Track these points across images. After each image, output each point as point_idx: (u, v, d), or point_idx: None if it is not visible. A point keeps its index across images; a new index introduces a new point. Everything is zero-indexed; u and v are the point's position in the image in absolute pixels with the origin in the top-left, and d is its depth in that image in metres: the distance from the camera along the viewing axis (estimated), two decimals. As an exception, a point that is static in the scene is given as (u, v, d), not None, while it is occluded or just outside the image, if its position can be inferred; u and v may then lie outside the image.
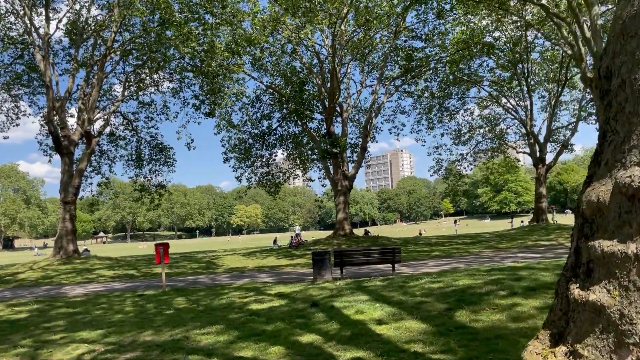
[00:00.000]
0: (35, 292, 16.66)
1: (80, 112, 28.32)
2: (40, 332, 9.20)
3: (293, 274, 17.21)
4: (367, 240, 28.78)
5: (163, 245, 14.23)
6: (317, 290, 10.47)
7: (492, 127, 42.55)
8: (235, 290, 12.87)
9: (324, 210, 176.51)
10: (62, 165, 27.02)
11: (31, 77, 31.33)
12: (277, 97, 33.85)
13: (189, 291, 13.50)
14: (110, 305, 11.96)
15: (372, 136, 32.59)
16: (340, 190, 30.98)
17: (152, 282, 17.26)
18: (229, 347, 6.33)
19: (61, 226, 26.43)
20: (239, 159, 35.64)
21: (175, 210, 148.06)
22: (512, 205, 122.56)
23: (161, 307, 10.92)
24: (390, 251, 13.97)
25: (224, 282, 15.91)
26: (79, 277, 20.23)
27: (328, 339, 6.15)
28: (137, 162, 34.71)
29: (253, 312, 8.57)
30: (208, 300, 11.22)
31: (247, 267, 21.73)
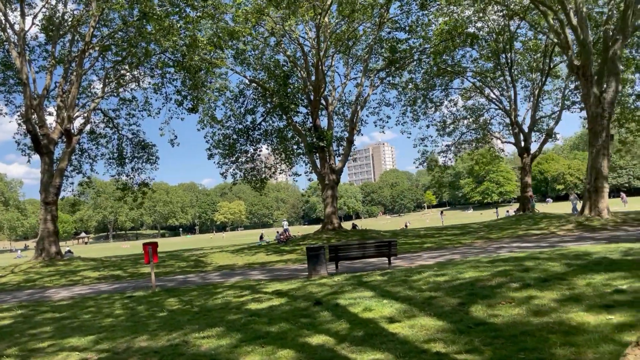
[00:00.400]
0: (18, 296, 16.01)
1: (59, 110, 27.46)
2: (26, 339, 8.69)
3: (286, 270, 16.83)
4: (356, 234, 28.52)
5: (152, 245, 13.73)
6: (316, 287, 10.12)
7: (476, 117, 42.59)
8: (229, 289, 12.45)
9: (308, 205, 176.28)
10: (42, 165, 26.17)
11: (6, 75, 30.32)
12: (261, 92, 33.27)
13: (181, 291, 13.03)
14: (98, 308, 11.45)
15: (358, 129, 32.27)
16: (327, 184, 30.62)
17: (140, 283, 16.73)
18: (233, 351, 5.94)
19: (42, 227, 25.62)
20: (223, 155, 35.03)
21: (158, 209, 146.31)
22: (494, 196, 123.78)
23: (153, 309, 10.46)
24: (386, 244, 13.67)
25: (215, 280, 15.46)
26: (63, 280, 19.57)
27: (339, 340, 5.80)
28: (119, 160, 33.91)
29: (253, 313, 8.18)
30: (202, 301, 10.79)
31: (236, 264, 21.28)
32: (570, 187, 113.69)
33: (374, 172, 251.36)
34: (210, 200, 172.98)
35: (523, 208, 37.05)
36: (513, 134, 38.32)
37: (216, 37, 26.25)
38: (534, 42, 36.88)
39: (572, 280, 7.19)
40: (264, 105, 34.71)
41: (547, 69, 35.66)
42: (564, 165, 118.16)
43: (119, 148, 33.77)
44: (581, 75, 23.31)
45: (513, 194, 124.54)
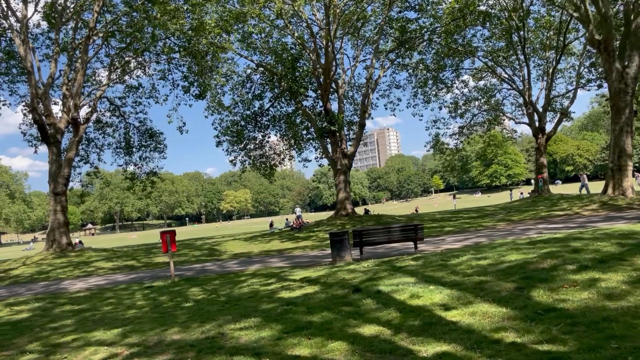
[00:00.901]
0: (33, 288, 15.64)
1: (65, 98, 26.93)
2: (48, 333, 8.28)
3: (305, 257, 16.38)
4: (370, 219, 28.03)
5: (169, 233, 13.27)
6: (347, 274, 9.64)
7: (488, 98, 41.81)
8: (252, 277, 12.02)
9: (315, 192, 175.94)
10: (50, 155, 25.71)
11: (9, 65, 29.78)
12: (269, 76, 32.61)
13: (202, 280, 12.61)
14: (118, 299, 11.03)
15: (369, 112, 31.62)
16: (340, 169, 30.07)
17: (157, 273, 16.33)
18: (278, 344, 5.47)
19: (53, 218, 25.24)
20: (231, 142, 34.53)
21: (164, 199, 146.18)
22: (502, 179, 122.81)
23: (177, 299, 10.03)
24: (412, 228, 13.17)
25: (234, 268, 15.03)
26: (76, 271, 19.21)
27: (395, 330, 5.32)
28: (127, 149, 33.46)
29: (287, 301, 7.71)
30: (227, 290, 10.35)
31: (252, 252, 20.86)
32: (579, 168, 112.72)
33: (379, 158, 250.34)
34: (216, 189, 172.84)
35: (538, 190, 36.44)
36: (527, 114, 37.54)
37: (222, 21, 25.61)
38: (547, 19, 35.95)
39: (634, 261, 6.67)
40: (271, 91, 34.11)
41: (561, 46, 34.76)
42: (573, 146, 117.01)
43: (126, 137, 33.31)
44: (603, 50, 22.54)
45: (522, 176, 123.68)
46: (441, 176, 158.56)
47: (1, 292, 15.47)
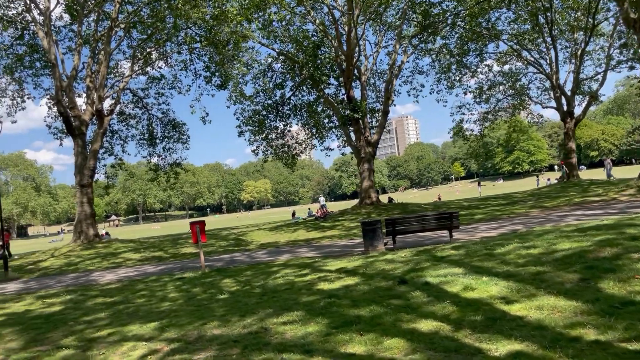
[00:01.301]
0: (63, 280, 15.64)
1: (88, 90, 26.93)
2: (82, 327, 8.10)
3: (335, 247, 16.06)
4: (396, 208, 27.58)
5: (199, 224, 13.06)
6: (386, 264, 9.28)
7: (513, 83, 40.76)
8: (284, 267, 11.74)
9: (334, 182, 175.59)
10: (75, 147, 25.79)
11: (33, 58, 29.92)
12: (290, 65, 32.19)
13: (233, 271, 12.38)
14: (151, 291, 10.85)
15: (393, 99, 31.01)
16: (363, 157, 29.62)
17: (186, 264, 16.19)
18: (328, 340, 5.15)
19: (79, 210, 25.36)
20: (253, 132, 34.29)
21: (185, 190, 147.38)
22: (525, 165, 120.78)
23: (210, 291, 9.79)
24: (447, 216, 12.72)
25: (264, 259, 14.79)
26: (105, 262, 19.22)
27: (455, 325, 4.95)
28: (150, 140, 33.48)
29: (329, 294, 7.38)
30: (261, 281, 10.08)
31: (279, 241, 20.64)
32: (604, 153, 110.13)
33: (398, 146, 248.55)
34: (236, 180, 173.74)
35: (567, 175, 35.47)
36: (554, 98, 36.49)
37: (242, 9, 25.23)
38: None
39: None
40: (292, 79, 33.70)
41: (591, 27, 33.57)
42: (598, 131, 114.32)
43: (149, 128, 33.31)
44: (638, 30, 21.56)
45: (544, 162, 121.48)
46: (462, 163, 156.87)
47: (32, 285, 15.50)
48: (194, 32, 27.73)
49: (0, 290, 14.84)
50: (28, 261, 22.12)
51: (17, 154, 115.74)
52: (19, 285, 15.65)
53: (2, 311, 10.72)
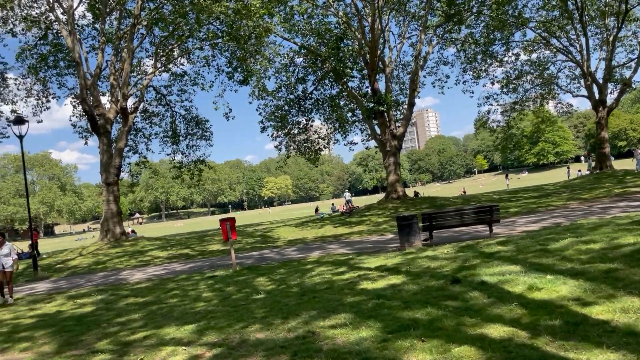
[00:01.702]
0: (92, 279, 15.50)
1: (112, 88, 26.89)
2: (116, 329, 7.81)
3: (366, 243, 15.60)
4: (424, 202, 26.95)
5: (229, 220, 12.72)
6: (429, 261, 8.79)
7: (541, 72, 39.61)
8: (318, 265, 11.33)
9: (354, 177, 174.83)
10: (100, 145, 25.77)
11: (57, 58, 30.00)
12: (312, 58, 31.72)
13: (265, 269, 12.02)
14: (183, 291, 10.55)
15: (418, 90, 30.33)
16: (389, 151, 29.04)
17: (215, 261, 15.91)
18: (386, 347, 4.70)
19: (106, 208, 25.35)
20: (275, 128, 34.00)
21: (207, 187, 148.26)
22: (550, 157, 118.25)
23: (245, 290, 9.43)
24: (487, 210, 12.14)
25: (295, 256, 14.41)
26: (133, 261, 19.09)
27: (530, 331, 4.46)
28: (173, 138, 33.41)
29: (375, 294, 6.94)
30: (297, 279, 9.68)
31: (307, 238, 20.26)
32: (633, 143, 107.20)
33: (418, 140, 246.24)
34: (257, 176, 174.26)
35: (600, 166, 34.34)
36: (585, 86, 35.32)
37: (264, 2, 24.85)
38: (606, -17, 33.52)
39: None
40: (314, 73, 33.24)
41: (623, 12, 32.34)
42: (626, 120, 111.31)
43: (172, 126, 33.23)
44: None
45: (570, 153, 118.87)
46: (485, 156, 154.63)
47: (61, 284, 15.40)
48: (216, 27, 27.46)
49: (31, 290, 14.77)
50: (56, 260, 22.16)
51: (43, 154, 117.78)
52: (48, 285, 15.57)
53: (33, 312, 10.55)
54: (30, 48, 29.14)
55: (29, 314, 10.46)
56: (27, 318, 9.95)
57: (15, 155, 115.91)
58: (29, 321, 9.59)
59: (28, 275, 18.56)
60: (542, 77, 39.87)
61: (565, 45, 36.90)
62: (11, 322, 9.65)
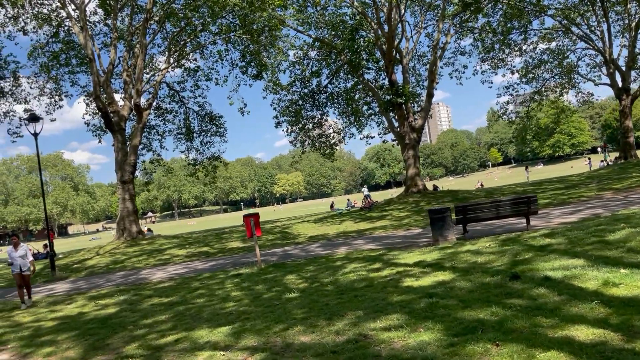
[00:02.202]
0: (112, 279, 15.12)
1: (126, 85, 26.53)
2: (144, 332, 7.36)
3: (394, 238, 15.04)
4: (446, 196, 26.30)
5: (253, 217, 12.24)
6: (473, 256, 8.24)
7: (560, 61, 38.66)
8: (349, 261, 10.81)
9: (366, 172, 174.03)
10: (115, 143, 25.43)
11: (69, 56, 29.69)
12: (326, 51, 31.13)
13: (292, 266, 11.52)
14: (209, 290, 10.08)
15: (437, 81, 29.61)
16: (408, 143, 28.38)
17: (237, 259, 15.45)
18: (456, 352, 4.17)
19: (122, 207, 25.02)
20: (290, 123, 33.53)
21: (219, 185, 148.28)
22: (566, 148, 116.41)
23: (275, 288, 8.94)
24: (524, 201, 11.52)
25: (320, 252, 13.90)
26: (151, 259, 18.71)
27: (624, 333, 3.90)
28: (187, 135, 33.05)
29: (425, 292, 6.39)
30: (329, 277, 9.17)
31: (328, 234, 19.74)
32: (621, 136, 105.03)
33: (430, 134, 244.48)
34: (268, 174, 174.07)
35: (624, 155, 33.42)
36: (608, 74, 34.38)
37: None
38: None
39: None
40: (328, 67, 32.65)
41: (646, -3, 31.38)
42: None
43: (185, 122, 32.86)
44: None
45: (587, 145, 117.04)
46: (499, 149, 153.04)
47: (81, 284, 15.04)
48: (229, 20, 26.99)
49: (50, 291, 14.43)
50: (73, 260, 21.87)
51: (55, 155, 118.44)
52: (67, 285, 15.23)
53: (54, 314, 10.16)
54: (42, 46, 28.87)
55: (50, 316, 10.07)
56: (49, 320, 9.56)
57: (29, 156, 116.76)
58: (50, 324, 9.19)
59: (46, 275, 18.27)
60: (561, 66, 38.95)
61: (586, 33, 35.96)
62: (32, 325, 9.26)
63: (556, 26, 37.47)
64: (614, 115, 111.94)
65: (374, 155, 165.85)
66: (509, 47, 36.67)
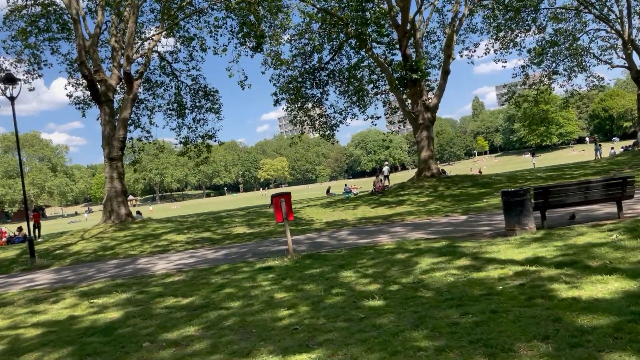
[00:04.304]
0: (104, 269, 12.71)
1: (114, 52, 23.83)
2: (170, 352, 5.11)
3: (439, 225, 12.93)
4: (464, 180, 24.29)
5: (284, 196, 9.98)
6: (609, 249, 6.12)
7: (572, 42, 36.83)
8: (415, 254, 8.64)
9: (352, 159, 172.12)
10: (102, 115, 22.77)
11: (49, 20, 26.75)
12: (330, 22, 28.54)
13: (336, 258, 9.30)
14: (240, 289, 7.80)
15: (453, 57, 27.41)
16: (422, 124, 26.27)
17: (253, 247, 13.15)
18: None
19: (109, 187, 22.45)
20: (289, 101, 31.16)
21: (202, 169, 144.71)
22: (553, 138, 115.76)
23: (337, 290, 6.73)
24: (618, 183, 9.49)
25: (357, 241, 11.69)
26: (147, 246, 16.30)
27: None
28: (179, 111, 30.43)
29: (619, 310, 4.23)
30: (407, 276, 6.99)
31: (347, 219, 17.55)
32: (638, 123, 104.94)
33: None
34: (252, 158, 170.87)
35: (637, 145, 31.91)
36: (625, 55, 32.64)
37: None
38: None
39: None
40: (329, 42, 30.11)
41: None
42: (631, 100, 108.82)
43: (177, 97, 30.19)
44: None
45: (574, 135, 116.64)
46: (485, 137, 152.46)
47: (66, 275, 12.62)
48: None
49: (29, 282, 11.98)
50: (55, 245, 19.31)
51: (32, 134, 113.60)
52: (50, 276, 12.80)
53: (36, 318, 7.79)
54: (20, 8, 25.88)
55: (31, 319, 7.71)
56: (30, 327, 7.20)
57: (4, 135, 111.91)
58: (32, 333, 6.86)
59: (24, 263, 15.75)
60: (571, 48, 37.15)
61: (600, 12, 34.16)
62: (8, 335, 6.91)
63: (568, 5, 35.61)
64: (602, 106, 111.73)
65: (360, 142, 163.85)
66: (518, 26, 34.68)
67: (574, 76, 39.04)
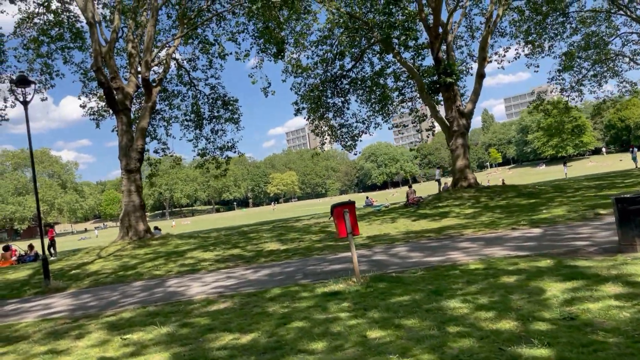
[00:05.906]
0: (129, 292, 11.10)
1: (131, 58, 22.53)
2: None
3: (514, 240, 11.24)
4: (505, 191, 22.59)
5: (348, 207, 8.36)
6: None
7: (604, 46, 35.29)
8: (522, 276, 6.99)
9: (362, 172, 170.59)
10: (119, 125, 21.40)
11: (62, 28, 25.62)
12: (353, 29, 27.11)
13: (416, 281, 7.65)
14: (313, 323, 6.16)
15: (489, 59, 25.91)
16: (456, 130, 24.70)
17: (300, 266, 11.48)
18: None
19: (126, 201, 20.97)
20: (309, 110, 29.79)
21: (212, 184, 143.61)
22: (569, 149, 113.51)
23: (455, 328, 5.08)
24: None
25: (426, 260, 10.01)
26: (172, 265, 14.68)
27: None
28: (197, 122, 29.09)
29: None
30: (543, 310, 5.34)
31: (390, 234, 15.87)
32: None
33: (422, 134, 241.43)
34: (262, 173, 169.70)
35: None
36: (665, 59, 31.04)
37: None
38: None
39: None
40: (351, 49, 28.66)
41: None
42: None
43: (194, 108, 28.87)
44: None
45: (590, 145, 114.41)
46: (497, 149, 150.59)
47: (86, 299, 11.03)
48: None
49: (44, 309, 10.40)
50: (70, 264, 17.75)
51: (42, 151, 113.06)
52: (68, 300, 11.21)
53: (59, 360, 6.19)
54: (32, 17, 24.78)
55: (53, 364, 6.12)
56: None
57: (14, 152, 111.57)
58: (56, 386, 5.25)
59: (37, 285, 14.17)
60: (602, 53, 35.59)
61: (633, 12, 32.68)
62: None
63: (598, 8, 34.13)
64: (619, 115, 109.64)
65: (370, 155, 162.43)
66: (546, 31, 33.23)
67: (604, 82, 37.47)
